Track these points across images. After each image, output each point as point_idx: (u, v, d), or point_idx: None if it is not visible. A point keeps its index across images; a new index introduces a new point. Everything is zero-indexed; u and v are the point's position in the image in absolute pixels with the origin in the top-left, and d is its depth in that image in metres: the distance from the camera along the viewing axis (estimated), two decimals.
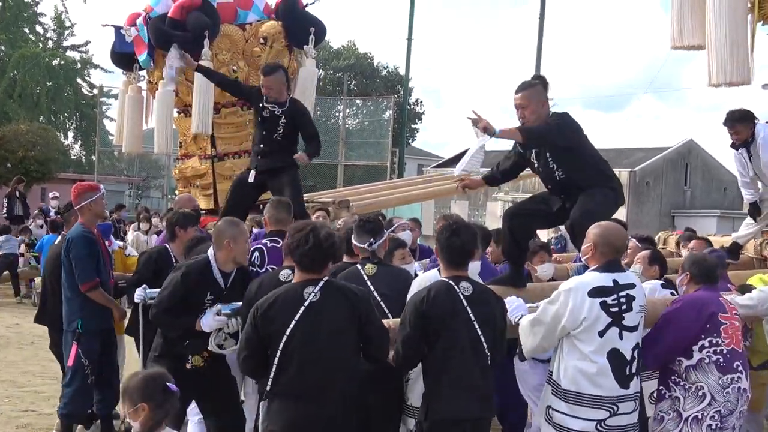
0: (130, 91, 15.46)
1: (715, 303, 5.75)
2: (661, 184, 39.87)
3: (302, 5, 14.96)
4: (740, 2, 9.36)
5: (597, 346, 5.27)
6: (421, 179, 23.74)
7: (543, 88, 6.76)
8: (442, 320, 5.19)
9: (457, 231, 5.48)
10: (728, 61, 9.21)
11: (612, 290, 5.32)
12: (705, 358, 5.63)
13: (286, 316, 4.93)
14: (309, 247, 5.01)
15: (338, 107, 38.95)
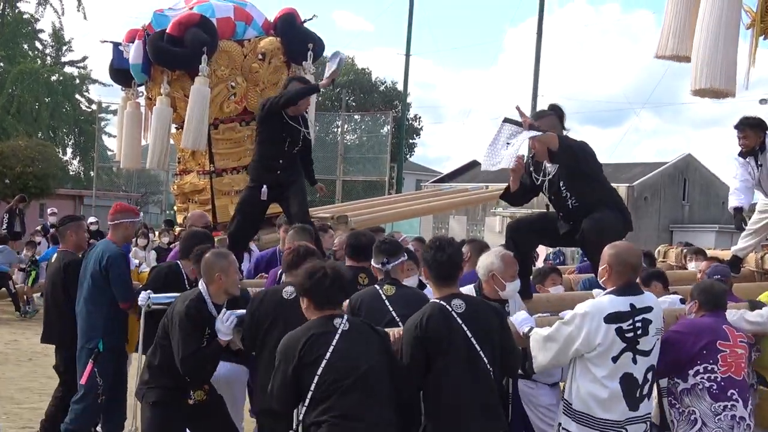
0: (129, 106, 15.50)
1: (715, 330, 5.76)
2: (659, 199, 39.91)
3: (300, 21, 15.02)
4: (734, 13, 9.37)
5: (610, 371, 5.24)
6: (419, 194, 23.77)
7: (558, 119, 6.76)
8: (438, 343, 5.14)
9: (442, 246, 5.45)
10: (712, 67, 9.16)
11: (629, 315, 5.28)
12: (699, 384, 5.66)
13: (322, 346, 4.93)
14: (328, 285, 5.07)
15: (337, 123, 39.11)
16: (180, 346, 6.01)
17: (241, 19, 14.69)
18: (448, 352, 5.13)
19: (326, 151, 34.68)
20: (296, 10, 15.18)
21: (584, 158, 6.59)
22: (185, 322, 6.04)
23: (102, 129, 41.10)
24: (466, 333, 5.15)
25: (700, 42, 9.17)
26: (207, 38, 13.71)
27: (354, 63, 57.36)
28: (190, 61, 13.63)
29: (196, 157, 14.50)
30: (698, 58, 9.16)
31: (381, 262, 6.25)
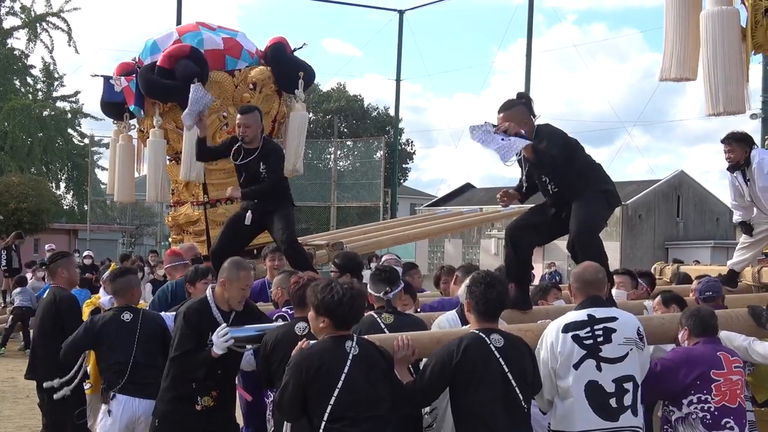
0: (121, 139, 15.51)
1: (709, 360, 5.73)
2: (653, 217, 39.98)
3: (290, 50, 15.06)
4: (734, 33, 9.46)
5: (573, 378, 5.26)
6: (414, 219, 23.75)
7: (526, 108, 6.77)
8: (471, 373, 5.10)
9: (492, 283, 5.41)
10: (724, 92, 9.31)
11: (585, 324, 5.34)
12: (692, 413, 5.65)
13: (336, 370, 4.88)
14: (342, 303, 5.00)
15: (329, 149, 39.09)
16: (174, 344, 6.11)
17: (231, 51, 14.74)
18: (482, 384, 5.09)
19: (320, 177, 34.75)
20: (286, 39, 15.24)
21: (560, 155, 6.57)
22: (183, 324, 6.11)
23: (95, 163, 41.11)
24: (503, 368, 5.11)
25: (708, 65, 9.30)
26: (197, 69, 13.73)
27: (345, 90, 57.58)
28: (182, 92, 13.66)
29: (190, 188, 14.51)
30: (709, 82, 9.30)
31: (384, 291, 6.23)
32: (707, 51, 9.27)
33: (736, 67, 9.31)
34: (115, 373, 6.75)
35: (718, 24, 9.24)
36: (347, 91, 57.85)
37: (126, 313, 6.89)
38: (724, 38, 9.23)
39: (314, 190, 34.51)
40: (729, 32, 9.26)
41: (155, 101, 14.25)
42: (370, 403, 4.88)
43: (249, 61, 14.76)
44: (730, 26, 9.30)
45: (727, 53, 9.22)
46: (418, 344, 5.49)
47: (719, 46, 9.20)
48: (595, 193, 6.69)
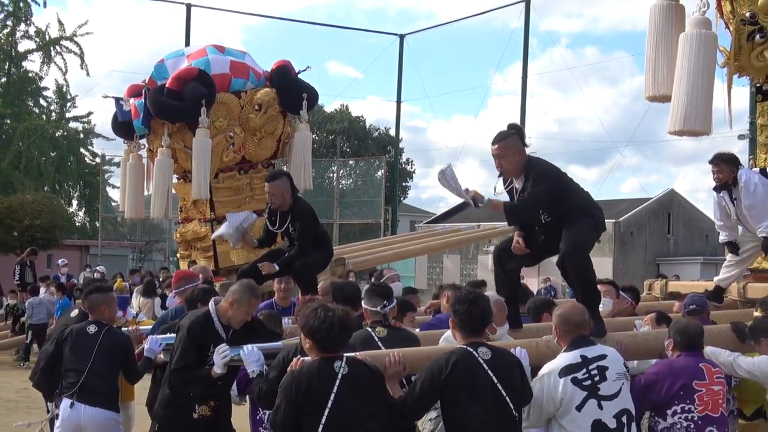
0: (131, 159, 15.56)
1: (691, 371, 5.77)
2: (645, 234, 39.98)
3: (295, 72, 15.11)
4: (709, 56, 9.48)
5: (578, 421, 5.28)
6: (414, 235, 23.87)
7: (519, 138, 6.74)
8: (460, 386, 5.11)
9: (476, 301, 5.46)
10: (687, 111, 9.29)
11: (581, 366, 5.36)
12: (677, 423, 5.67)
13: (325, 391, 4.88)
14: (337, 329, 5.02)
15: (332, 168, 39.14)
16: (176, 357, 6.10)
17: (238, 73, 14.77)
18: (473, 397, 5.10)
19: (323, 195, 34.75)
20: (290, 62, 15.30)
21: (537, 207, 6.62)
22: (186, 338, 6.11)
23: (106, 181, 41.07)
24: (493, 380, 5.13)
25: (678, 85, 9.32)
26: (205, 91, 13.79)
27: (348, 111, 57.68)
28: (190, 113, 13.72)
29: (198, 205, 14.57)
30: (676, 100, 9.30)
31: (382, 305, 6.27)
32: (680, 70, 9.31)
33: (705, 89, 9.29)
34: (70, 379, 6.78)
35: (695, 46, 9.25)
36: (349, 112, 57.94)
37: (92, 326, 6.96)
38: (699, 60, 9.24)
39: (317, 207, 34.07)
40: (704, 55, 9.27)
41: (164, 122, 14.30)
42: (362, 420, 4.88)
43: (255, 83, 14.81)
44: (706, 49, 9.32)
45: (698, 75, 9.22)
46: (410, 360, 5.50)
47: (692, 67, 9.21)
48: (583, 217, 6.69)
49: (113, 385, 6.87)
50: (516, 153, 6.65)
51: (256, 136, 14.55)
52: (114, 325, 7.41)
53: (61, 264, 23.24)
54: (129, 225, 42.14)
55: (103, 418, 6.76)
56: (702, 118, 9.28)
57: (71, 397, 6.70)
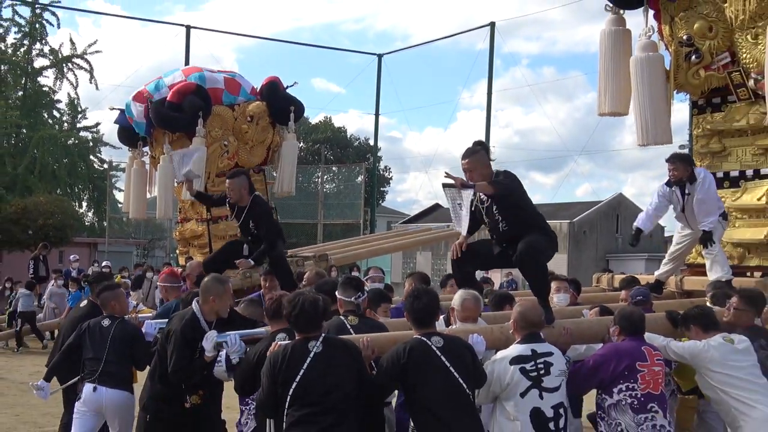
0: (135, 165, 15.55)
1: (635, 354, 5.79)
2: (596, 233, 40.13)
3: (283, 88, 15.13)
4: (659, 76, 9.61)
5: (520, 406, 5.33)
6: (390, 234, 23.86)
7: (485, 153, 6.81)
8: (417, 370, 5.18)
9: (419, 296, 5.56)
10: (653, 126, 9.49)
11: (530, 358, 5.43)
12: (622, 400, 5.69)
13: (296, 365, 4.95)
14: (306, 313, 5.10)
15: (317, 174, 39.10)
16: (173, 358, 6.08)
17: (231, 88, 14.78)
18: (428, 380, 5.16)
19: (308, 198, 34.77)
20: (279, 78, 15.31)
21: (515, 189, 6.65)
22: (180, 339, 6.10)
23: (113, 185, 40.99)
24: (446, 363, 5.19)
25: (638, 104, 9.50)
26: (202, 104, 13.79)
27: (331, 122, 57.62)
28: (188, 124, 13.72)
29: (195, 206, 14.54)
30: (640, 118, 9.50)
31: (356, 296, 6.34)
32: (637, 91, 9.46)
33: (662, 105, 9.52)
34: (91, 366, 6.91)
35: (646, 68, 9.42)
36: (332, 123, 57.81)
37: (106, 320, 7.10)
38: (651, 80, 9.44)
39: (303, 209, 34.50)
40: (654, 75, 9.45)
41: (165, 132, 14.28)
42: (327, 390, 4.92)
43: (247, 97, 14.82)
44: (655, 70, 9.49)
45: (654, 93, 9.43)
46: (378, 344, 5.57)
47: (647, 88, 9.41)
48: (542, 233, 6.70)
49: (128, 370, 7.05)
50: (484, 167, 6.69)
51: (248, 144, 14.55)
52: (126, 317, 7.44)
53: (73, 260, 23.18)
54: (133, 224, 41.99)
55: (120, 397, 6.87)
56: (665, 131, 9.51)
57: (93, 382, 6.82)
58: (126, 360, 6.99)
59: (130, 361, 7.05)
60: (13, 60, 49.45)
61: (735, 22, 9.03)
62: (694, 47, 9.46)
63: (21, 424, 9.98)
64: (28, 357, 16.41)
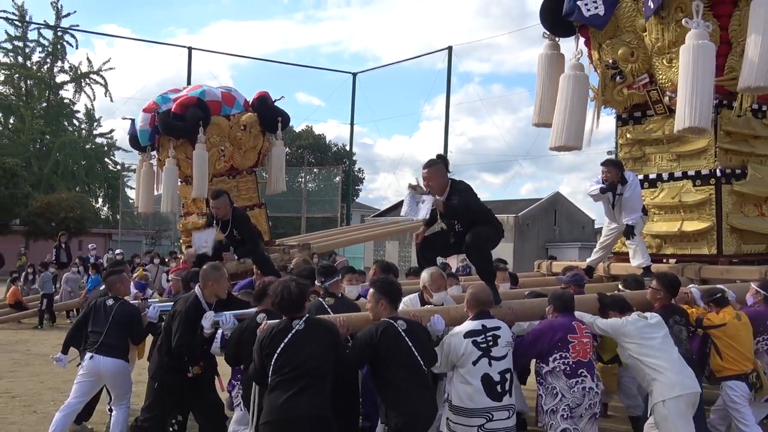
0: (144, 166, 15.39)
1: (566, 328, 5.84)
2: (537, 225, 40.38)
3: (272, 101, 15.08)
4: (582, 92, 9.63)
5: (473, 372, 5.35)
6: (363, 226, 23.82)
7: (444, 166, 6.67)
8: (387, 349, 5.21)
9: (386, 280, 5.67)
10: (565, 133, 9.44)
11: (481, 332, 5.44)
12: (556, 367, 5.72)
13: (278, 340, 4.96)
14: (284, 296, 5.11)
15: (301, 175, 39.06)
16: (178, 335, 6.08)
17: (227, 101, 14.70)
18: (395, 357, 5.20)
19: (293, 195, 34.68)
20: (268, 92, 15.24)
21: (465, 213, 6.57)
22: (184, 319, 6.09)
23: (125, 183, 40.56)
24: (408, 344, 5.23)
25: (558, 113, 9.48)
26: (202, 114, 13.70)
27: (312, 131, 57.48)
28: (190, 132, 13.62)
29: (196, 202, 14.47)
30: (555, 125, 9.47)
31: (320, 281, 6.53)
32: (560, 102, 9.48)
33: (579, 116, 9.49)
34: (92, 338, 6.87)
35: (571, 84, 9.42)
36: (314, 132, 57.72)
37: (110, 299, 7.03)
38: (573, 94, 9.42)
39: (289, 204, 34.40)
40: (577, 90, 9.46)
41: (170, 138, 14.19)
42: (304, 361, 4.91)
43: (241, 109, 14.72)
44: (578, 86, 9.51)
45: (573, 105, 9.43)
46: (352, 323, 5.61)
47: (568, 99, 9.39)
48: (486, 225, 6.65)
49: (124, 343, 6.95)
50: (440, 177, 6.56)
51: (241, 149, 14.46)
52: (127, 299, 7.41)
53: (91, 248, 22.97)
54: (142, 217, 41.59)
55: (116, 365, 6.81)
56: (574, 137, 9.45)
57: (93, 352, 6.78)
58: (123, 335, 6.93)
59: (128, 335, 6.99)
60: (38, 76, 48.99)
61: (653, 49, 9.10)
62: (618, 69, 9.53)
63: (46, 390, 9.90)
64: (52, 332, 16.24)
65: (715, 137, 9.05)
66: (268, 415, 4.89)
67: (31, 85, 49.29)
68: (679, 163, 9.51)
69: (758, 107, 9.38)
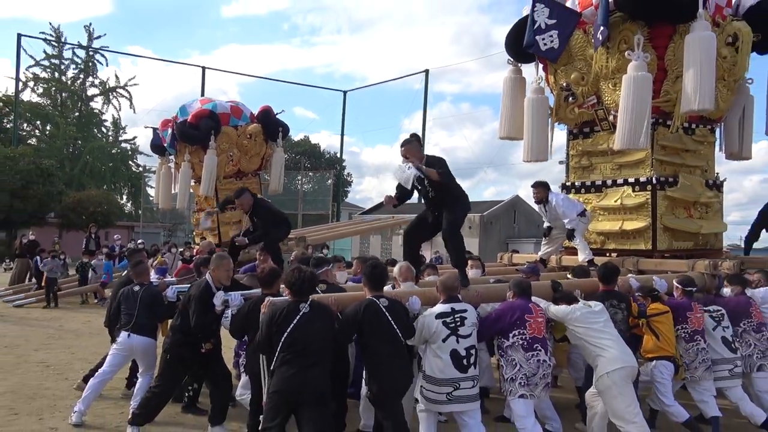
0: (163, 169, 15.35)
1: (524, 308, 5.84)
2: (499, 223, 40.45)
3: (274, 114, 15.04)
4: (543, 111, 9.72)
5: (442, 347, 5.35)
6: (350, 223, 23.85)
7: (417, 143, 6.80)
8: (369, 324, 5.19)
9: (376, 265, 5.58)
10: (536, 147, 9.59)
11: (450, 314, 5.45)
12: (515, 342, 5.73)
13: (287, 321, 4.91)
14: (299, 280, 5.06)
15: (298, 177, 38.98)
16: (194, 315, 6.08)
17: (236, 114, 14.64)
18: (377, 331, 5.18)
19: (291, 195, 34.64)
20: (271, 106, 15.19)
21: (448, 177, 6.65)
22: (198, 301, 6.08)
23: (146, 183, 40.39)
24: (389, 319, 5.21)
25: (525, 132, 9.62)
26: (214, 125, 13.66)
27: (308, 140, 57.36)
28: (203, 139, 13.57)
29: (208, 200, 14.39)
30: (526, 141, 9.60)
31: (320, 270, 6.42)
32: (527, 123, 9.58)
33: (543, 134, 9.62)
34: (126, 319, 6.87)
35: (534, 106, 9.52)
36: (309, 141, 57.61)
37: (137, 286, 7.05)
38: (537, 115, 9.54)
39: (287, 203, 34.28)
40: (539, 112, 9.56)
41: (186, 145, 14.12)
42: (309, 340, 4.88)
43: (247, 120, 14.67)
44: (540, 108, 9.60)
45: (537, 124, 9.56)
46: (341, 302, 5.59)
47: (534, 120, 9.51)
48: (457, 204, 6.71)
49: (153, 323, 6.96)
50: (416, 152, 6.69)
51: (247, 155, 14.39)
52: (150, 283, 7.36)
53: (116, 238, 22.77)
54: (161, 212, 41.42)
55: (146, 342, 6.82)
56: (542, 152, 9.64)
57: (127, 331, 6.78)
58: (151, 315, 6.92)
59: (154, 315, 6.97)
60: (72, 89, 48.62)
61: (600, 75, 9.13)
62: (571, 91, 9.55)
63: (76, 360, 9.80)
64: (82, 310, 16.10)
65: (652, 150, 9.09)
66: (278, 386, 4.85)
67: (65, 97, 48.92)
68: (620, 171, 9.54)
69: (689, 125, 9.43)
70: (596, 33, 8.77)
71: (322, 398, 4.85)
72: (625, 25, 8.78)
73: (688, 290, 6.98)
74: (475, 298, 6.15)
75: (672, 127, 9.06)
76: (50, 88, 48.18)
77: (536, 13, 9.31)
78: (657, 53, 8.69)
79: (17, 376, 8.61)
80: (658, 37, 8.73)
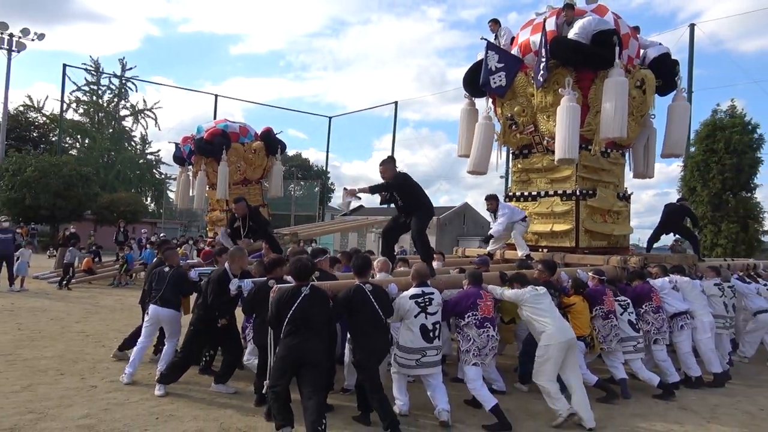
0: (183, 176, 15.17)
1: (476, 294, 5.82)
2: (452, 225, 40.73)
3: (274, 133, 14.94)
4: (489, 134, 9.76)
5: (414, 322, 5.34)
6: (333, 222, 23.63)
7: (392, 163, 6.64)
8: (357, 304, 5.13)
9: (360, 256, 5.56)
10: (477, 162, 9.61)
11: (420, 296, 5.43)
12: (470, 321, 5.70)
13: (292, 301, 4.83)
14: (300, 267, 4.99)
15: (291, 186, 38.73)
16: (211, 295, 5.97)
17: (243, 133, 14.50)
18: (363, 311, 5.12)
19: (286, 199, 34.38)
20: (271, 127, 15.10)
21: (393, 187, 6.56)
22: (216, 285, 5.97)
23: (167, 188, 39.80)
24: (373, 302, 5.15)
25: (473, 148, 9.63)
26: (224, 141, 13.56)
27: (300, 155, 56.97)
28: (217, 153, 13.42)
29: (219, 202, 14.24)
30: (472, 156, 9.61)
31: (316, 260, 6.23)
32: (475, 141, 9.64)
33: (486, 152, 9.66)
34: (155, 294, 6.66)
35: (482, 130, 9.58)
36: (301, 156, 57.24)
37: (167, 268, 6.79)
38: (483, 137, 9.60)
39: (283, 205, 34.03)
40: (485, 134, 9.62)
41: (202, 157, 13.94)
42: (310, 317, 4.82)
43: (252, 138, 14.56)
44: (486, 131, 9.66)
45: (482, 143, 9.62)
46: (335, 288, 5.50)
47: (480, 140, 9.57)
48: (422, 210, 6.65)
49: (177, 298, 6.67)
50: (391, 169, 6.55)
51: (252, 166, 14.31)
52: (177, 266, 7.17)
53: (143, 232, 22.31)
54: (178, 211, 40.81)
55: (170, 313, 6.59)
56: (483, 166, 9.68)
57: (155, 303, 6.58)
58: (176, 292, 6.68)
59: (179, 292, 6.74)
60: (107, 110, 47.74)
61: (538, 108, 9.22)
62: (514, 121, 9.63)
63: (111, 331, 9.56)
64: (114, 290, 15.74)
65: (576, 169, 9.21)
66: (284, 352, 4.77)
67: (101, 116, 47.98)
68: (552, 185, 9.63)
69: (605, 150, 9.56)
70: (537, 75, 8.86)
71: (319, 362, 4.80)
72: (557, 69, 8.90)
73: (602, 279, 7.06)
74: (440, 285, 6.09)
75: (592, 151, 9.19)
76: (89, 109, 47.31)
77: (488, 58, 9.39)
78: (582, 92, 8.82)
79: (62, 344, 8.37)
80: (583, 80, 8.86)
